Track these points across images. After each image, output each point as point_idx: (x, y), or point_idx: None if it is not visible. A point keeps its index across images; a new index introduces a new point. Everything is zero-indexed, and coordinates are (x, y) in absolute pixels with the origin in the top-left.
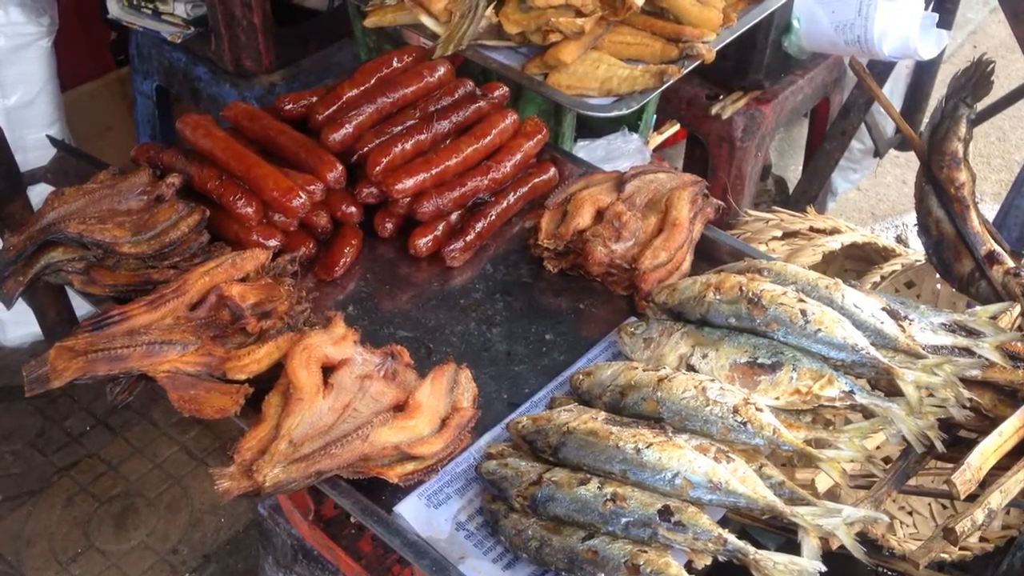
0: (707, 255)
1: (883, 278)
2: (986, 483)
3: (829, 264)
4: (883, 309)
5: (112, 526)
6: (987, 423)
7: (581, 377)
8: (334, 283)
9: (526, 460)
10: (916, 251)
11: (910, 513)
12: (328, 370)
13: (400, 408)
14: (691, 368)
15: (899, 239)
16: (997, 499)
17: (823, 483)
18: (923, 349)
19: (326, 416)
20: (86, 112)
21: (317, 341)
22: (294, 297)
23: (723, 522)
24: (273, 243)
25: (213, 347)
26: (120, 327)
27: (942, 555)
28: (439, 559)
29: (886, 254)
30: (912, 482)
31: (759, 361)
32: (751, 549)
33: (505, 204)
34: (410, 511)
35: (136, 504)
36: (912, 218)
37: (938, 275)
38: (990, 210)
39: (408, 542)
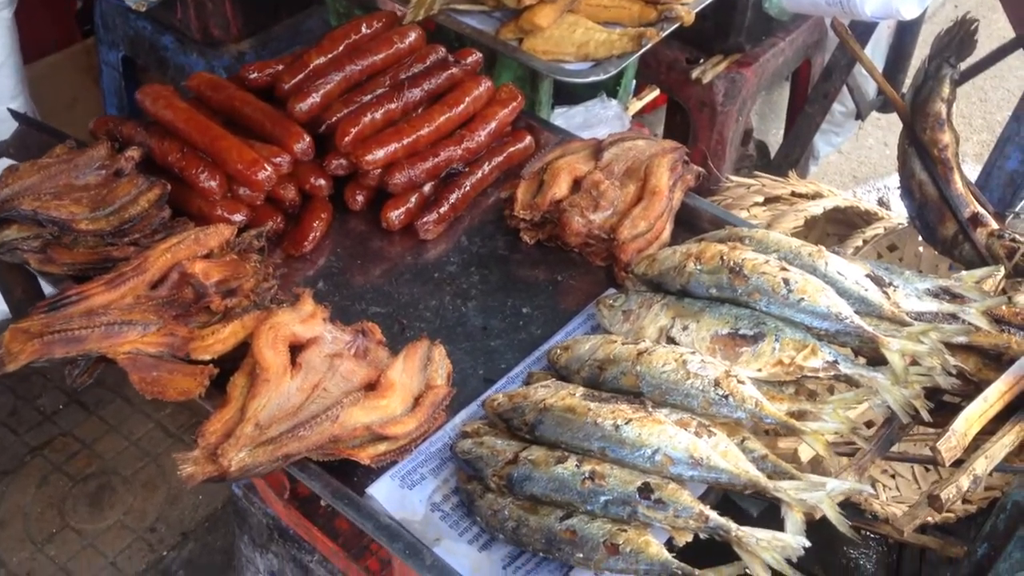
0: (688, 223)
1: (865, 242)
2: (971, 449)
3: (811, 229)
4: (867, 276)
5: (87, 505)
6: (972, 388)
7: (558, 352)
8: (303, 258)
9: (502, 438)
10: (898, 214)
11: (893, 476)
12: (296, 349)
13: (372, 387)
14: (671, 341)
15: (881, 202)
16: (983, 465)
17: (806, 453)
18: (908, 316)
19: (294, 397)
20: (51, 85)
21: (284, 319)
22: (260, 274)
23: (705, 492)
24: (238, 218)
25: (176, 327)
26: (77, 307)
27: (928, 520)
28: (413, 542)
29: (868, 218)
30: (896, 448)
31: (741, 332)
32: (733, 526)
33: (480, 174)
34: (383, 493)
35: (112, 482)
36: (894, 181)
37: (921, 238)
38: (972, 171)
39: (380, 525)
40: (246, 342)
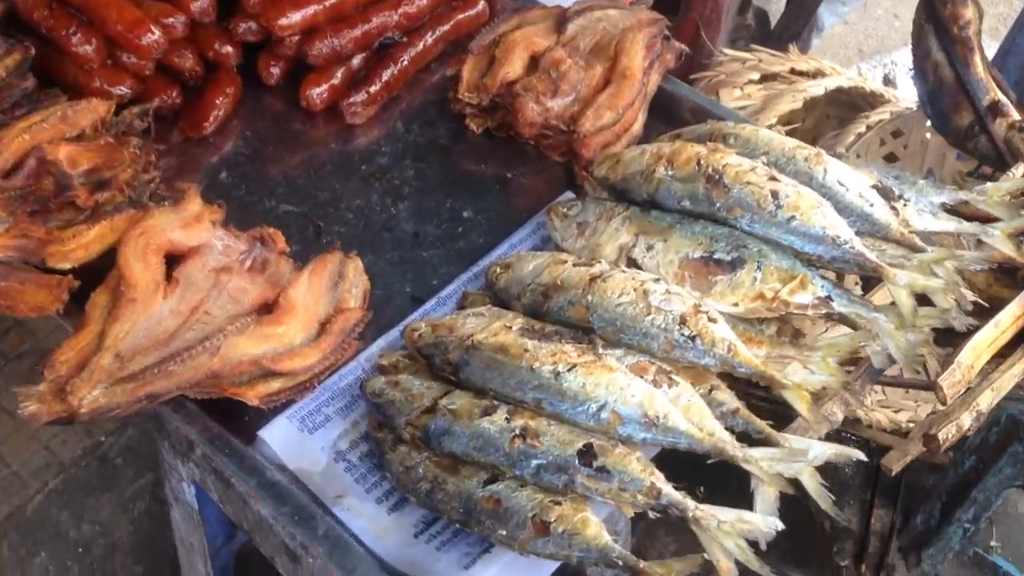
0: (664, 113)
1: (869, 128)
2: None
3: (810, 111)
4: (873, 187)
5: (20, 384)
6: (978, 311)
7: (498, 270)
8: (204, 142)
9: (422, 379)
10: (906, 96)
11: None
12: (176, 261)
13: (268, 309)
14: (632, 263)
15: (887, 80)
16: (988, 399)
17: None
18: (919, 239)
19: (166, 321)
20: None
21: (160, 222)
22: (140, 163)
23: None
24: (122, 91)
25: (30, 226)
26: None
27: (909, 424)
28: (303, 505)
29: (873, 100)
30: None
31: (716, 256)
32: (690, 504)
33: (420, 47)
34: (278, 437)
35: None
36: (902, 57)
37: (929, 124)
38: (986, 49)
39: (265, 483)
40: (115, 249)
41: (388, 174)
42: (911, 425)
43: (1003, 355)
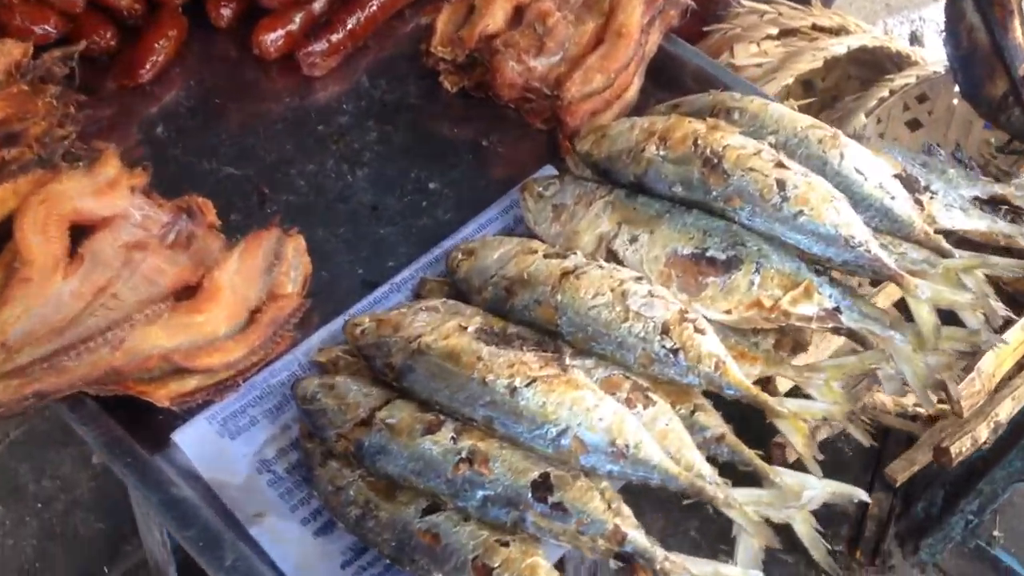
0: (664, 79)
1: (892, 92)
2: None
3: (831, 70)
4: (896, 176)
5: None
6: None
7: (460, 257)
8: (142, 91)
9: (361, 383)
10: (934, 58)
11: None
12: (87, 234)
13: (190, 294)
14: (612, 256)
15: (914, 36)
16: (1008, 409)
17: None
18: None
19: (66, 306)
20: None
21: (68, 188)
22: (56, 115)
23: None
24: (46, 29)
25: None
26: None
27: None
28: (210, 529)
29: (899, 62)
30: None
31: (709, 254)
32: (659, 553)
33: None
34: (193, 441)
35: None
36: (933, 12)
37: (957, 89)
38: None
39: (168, 500)
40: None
41: (347, 136)
42: (918, 409)
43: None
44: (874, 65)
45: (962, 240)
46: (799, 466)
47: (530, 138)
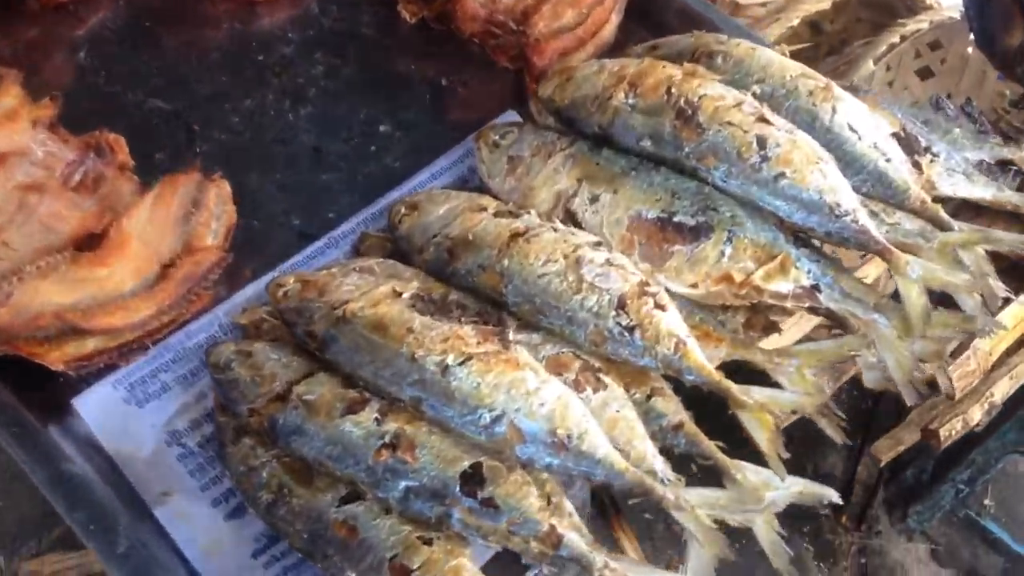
0: (645, 16)
1: (903, 38)
2: None
3: (839, 12)
4: (894, 135)
5: None
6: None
7: (403, 211)
8: (64, 10)
9: (282, 351)
10: (949, 1)
11: None
12: None
13: (94, 244)
14: (571, 217)
15: None
16: (1004, 388)
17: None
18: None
19: None
20: None
21: None
22: None
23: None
24: None
25: None
26: None
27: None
28: (103, 511)
29: (912, 5)
30: None
31: (676, 219)
32: (598, 561)
33: None
34: (95, 408)
35: None
36: None
37: (972, 38)
38: None
39: (56, 476)
40: None
41: (291, 69)
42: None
43: None
44: (885, 8)
45: (963, 205)
46: None
47: (496, 79)
